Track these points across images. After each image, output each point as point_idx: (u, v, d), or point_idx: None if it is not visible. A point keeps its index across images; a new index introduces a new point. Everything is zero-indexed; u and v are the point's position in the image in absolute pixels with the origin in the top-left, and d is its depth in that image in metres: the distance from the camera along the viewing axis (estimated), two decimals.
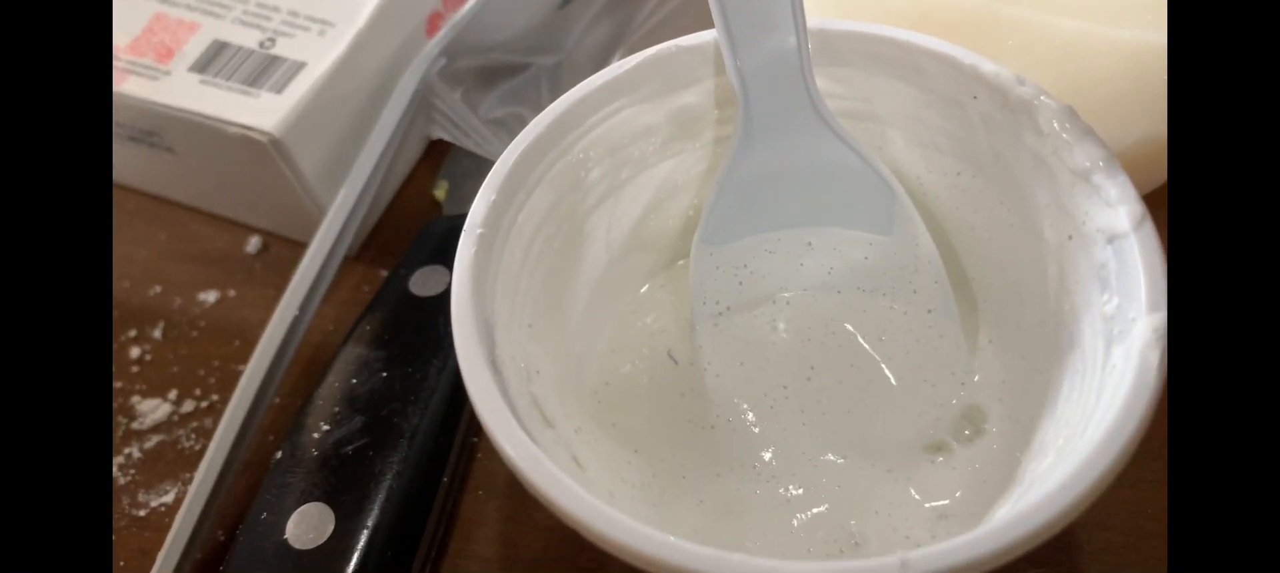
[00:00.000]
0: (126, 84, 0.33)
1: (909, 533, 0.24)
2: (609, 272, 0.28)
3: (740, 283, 0.28)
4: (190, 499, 0.27)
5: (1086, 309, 0.23)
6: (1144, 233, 0.21)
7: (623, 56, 0.33)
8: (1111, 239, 0.22)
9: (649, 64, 0.26)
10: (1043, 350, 0.25)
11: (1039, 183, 0.24)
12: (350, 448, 0.27)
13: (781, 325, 0.28)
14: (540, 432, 0.22)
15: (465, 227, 0.23)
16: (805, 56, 0.25)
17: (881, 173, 0.26)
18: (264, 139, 0.31)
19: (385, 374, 0.28)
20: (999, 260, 0.27)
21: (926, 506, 0.25)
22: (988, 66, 0.24)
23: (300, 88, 0.32)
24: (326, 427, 0.27)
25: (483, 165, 0.35)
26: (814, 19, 0.26)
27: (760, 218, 0.27)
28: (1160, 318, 0.20)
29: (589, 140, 0.25)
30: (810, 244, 0.28)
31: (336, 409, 0.28)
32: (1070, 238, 0.24)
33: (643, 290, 0.29)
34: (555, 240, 0.26)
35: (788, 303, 0.28)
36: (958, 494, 0.25)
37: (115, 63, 0.33)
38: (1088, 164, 0.23)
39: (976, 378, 0.27)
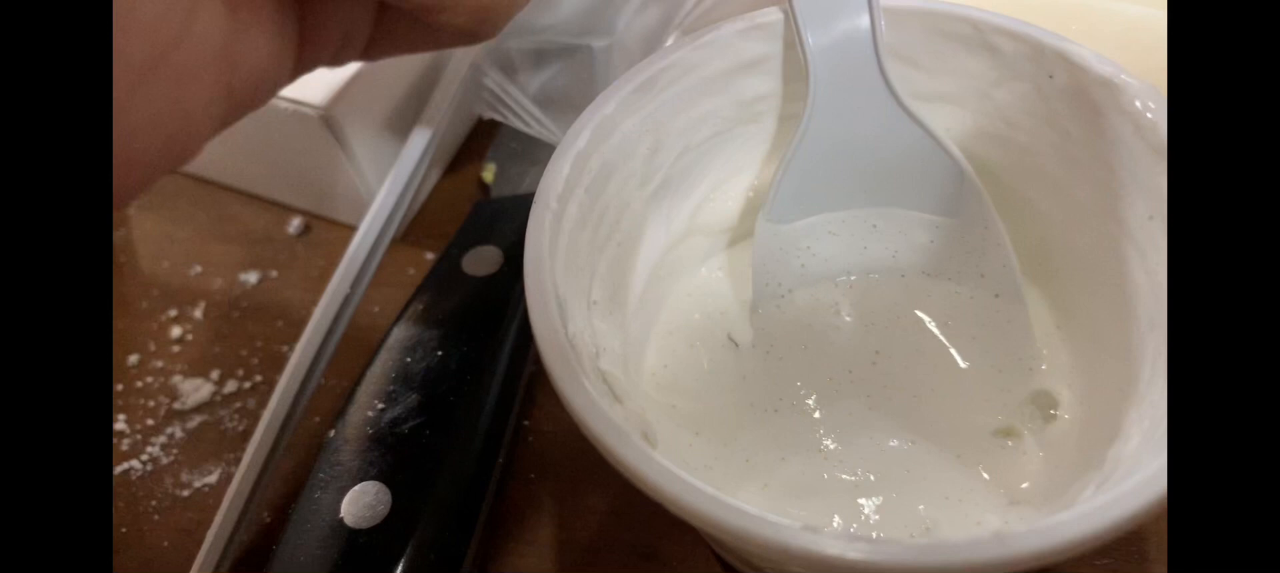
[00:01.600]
0: None
1: (981, 518, 0.24)
2: (669, 253, 0.27)
3: (803, 265, 0.27)
4: (239, 478, 0.27)
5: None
6: None
7: (675, 40, 0.33)
8: None
9: (715, 44, 0.25)
10: (1118, 333, 0.24)
11: (1117, 162, 0.24)
12: (406, 427, 0.26)
13: (845, 309, 0.27)
14: (612, 407, 0.22)
15: (536, 203, 0.22)
16: (878, 33, 0.25)
17: (951, 152, 0.26)
18: (314, 114, 0.30)
19: (440, 353, 0.28)
20: (1070, 243, 0.26)
21: (999, 491, 0.24)
22: (1066, 44, 0.24)
23: (351, 64, 0.31)
24: (381, 405, 0.27)
25: (530, 147, 0.34)
26: None
27: (825, 198, 0.27)
28: None
29: (654, 120, 0.25)
30: (875, 227, 0.27)
31: (391, 388, 0.27)
32: (1151, 218, 0.23)
33: (702, 272, 0.29)
34: (621, 220, 0.25)
35: (851, 286, 0.27)
36: (1027, 483, 0.24)
37: None
38: None
39: (1044, 365, 0.26)
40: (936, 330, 0.26)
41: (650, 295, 0.27)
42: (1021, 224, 0.27)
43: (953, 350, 0.26)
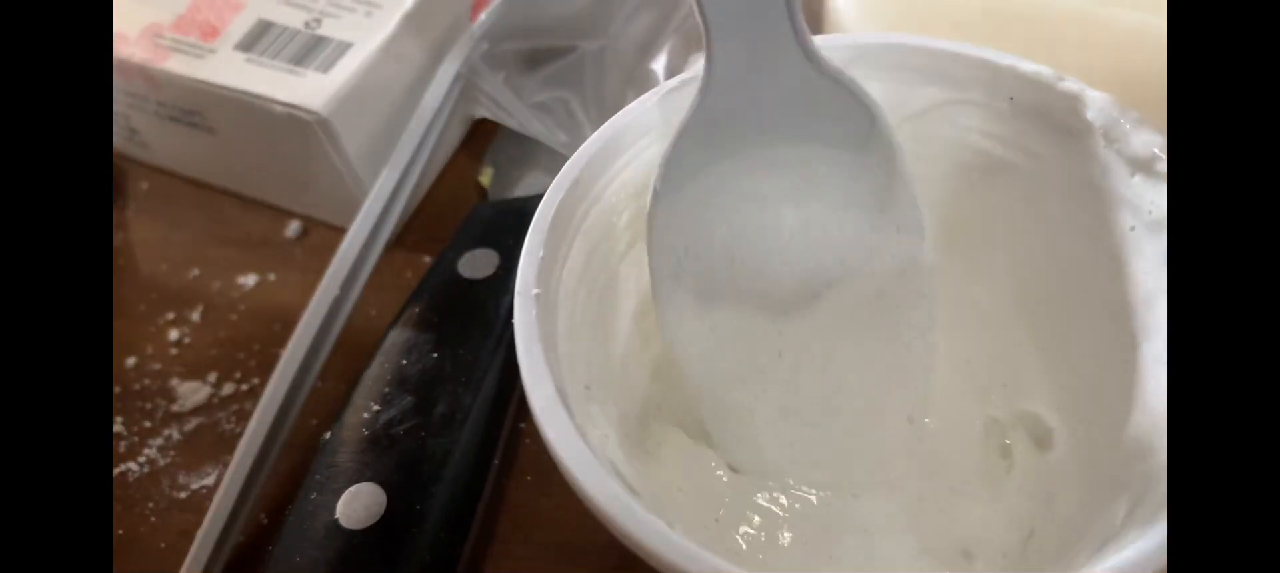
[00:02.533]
0: (170, 62, 0.32)
1: (1006, 549, 0.24)
2: (640, 321, 0.26)
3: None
4: (228, 479, 0.27)
5: (1160, 296, 0.23)
6: None
7: (670, 44, 0.33)
8: None
9: (659, 104, 0.24)
10: (1110, 348, 0.24)
11: (1091, 177, 0.24)
12: (402, 429, 0.26)
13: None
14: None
15: (518, 290, 0.21)
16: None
17: (865, 100, 0.24)
18: (310, 118, 0.31)
19: (436, 356, 0.28)
20: (1046, 264, 0.26)
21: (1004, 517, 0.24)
22: (1026, 66, 0.24)
23: (347, 68, 0.32)
24: (377, 407, 0.27)
25: (528, 150, 0.34)
26: (845, 37, 0.25)
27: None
28: None
29: (616, 186, 0.24)
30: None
31: (387, 390, 0.27)
32: (1133, 229, 0.23)
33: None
34: (593, 293, 0.24)
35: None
36: (1033, 508, 0.24)
37: (159, 41, 0.33)
38: (1148, 152, 0.22)
39: (1020, 382, 0.26)
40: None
41: (630, 361, 0.26)
42: (996, 251, 0.27)
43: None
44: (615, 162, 0.24)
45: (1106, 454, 0.23)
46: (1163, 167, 0.22)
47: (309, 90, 0.31)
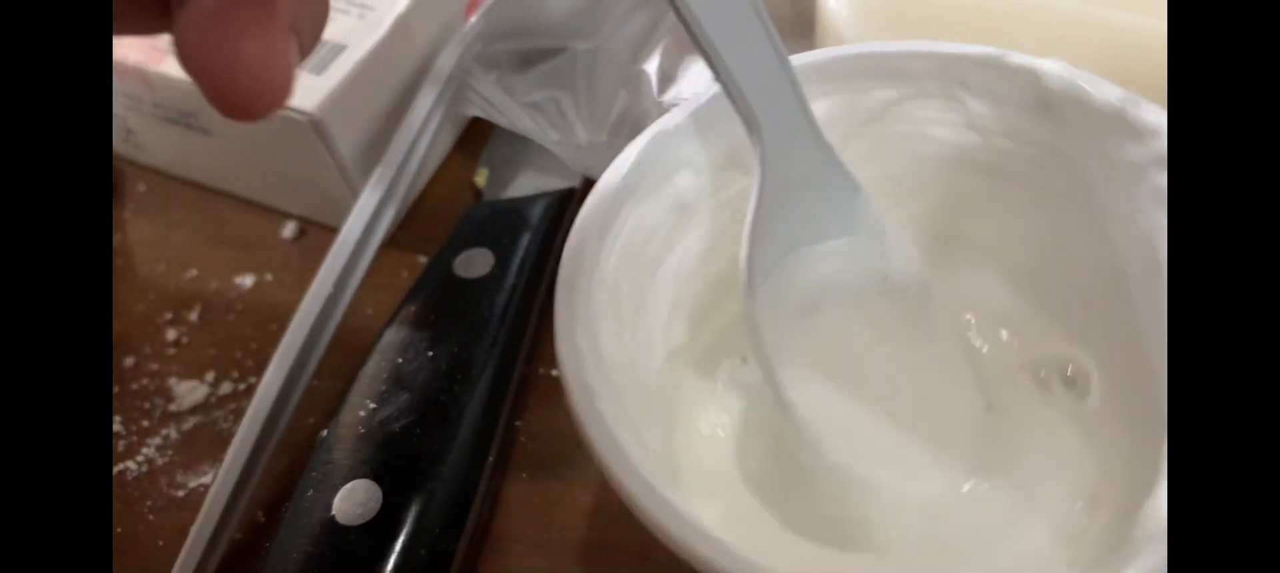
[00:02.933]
0: (166, 64, 0.32)
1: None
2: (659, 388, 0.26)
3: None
4: (221, 477, 0.27)
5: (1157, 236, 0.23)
6: None
7: (663, 45, 0.33)
8: None
9: (641, 160, 0.24)
10: (1135, 330, 0.24)
11: (1058, 143, 0.24)
12: (397, 426, 0.27)
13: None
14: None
15: (569, 380, 0.21)
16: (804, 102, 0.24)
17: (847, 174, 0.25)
18: (303, 119, 0.31)
19: (431, 354, 0.28)
20: (1034, 235, 0.26)
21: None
22: (973, 49, 0.25)
23: (340, 70, 0.32)
24: (372, 405, 0.27)
25: (522, 151, 0.35)
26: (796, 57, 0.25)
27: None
28: None
29: (615, 253, 0.24)
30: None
31: (382, 388, 0.27)
32: (1154, 200, 0.23)
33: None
34: (617, 370, 0.24)
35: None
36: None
37: (154, 43, 0.33)
38: (1111, 106, 0.23)
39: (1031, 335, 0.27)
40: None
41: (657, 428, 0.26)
42: (987, 233, 0.27)
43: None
44: (610, 231, 0.24)
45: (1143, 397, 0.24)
46: (1132, 113, 0.23)
47: (302, 91, 0.31)
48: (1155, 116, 0.23)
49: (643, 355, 0.24)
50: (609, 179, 0.23)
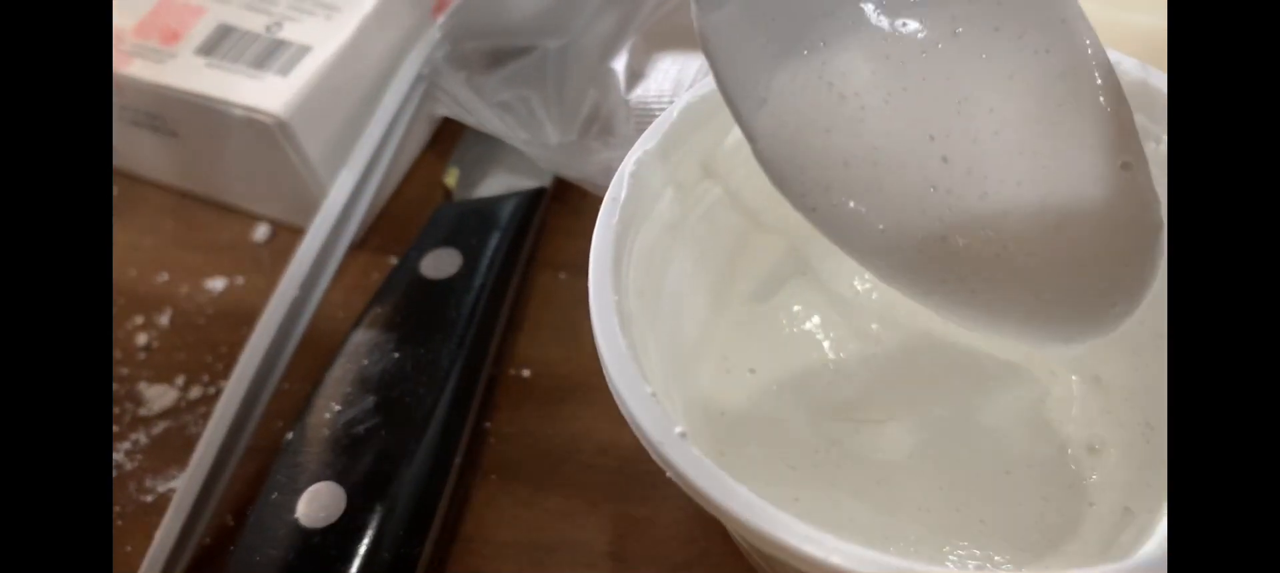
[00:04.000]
0: (132, 66, 0.32)
1: None
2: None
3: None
4: (186, 481, 0.27)
5: None
6: None
7: (630, 43, 0.33)
8: None
9: (634, 187, 0.23)
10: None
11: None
12: (362, 428, 0.26)
13: None
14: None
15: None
16: None
17: None
18: (270, 121, 0.31)
19: (397, 355, 0.28)
20: None
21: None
22: None
23: (306, 71, 0.32)
24: (338, 407, 0.27)
25: (493, 151, 0.35)
26: None
27: None
28: None
29: (633, 265, 0.23)
30: None
31: (348, 390, 0.27)
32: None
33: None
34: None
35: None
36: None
37: (120, 45, 0.33)
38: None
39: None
40: None
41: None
42: None
43: None
44: (627, 241, 0.23)
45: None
46: None
47: (268, 93, 0.31)
48: None
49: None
50: (608, 211, 0.22)
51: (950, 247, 0.22)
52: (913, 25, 0.22)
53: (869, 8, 0.22)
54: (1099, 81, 0.22)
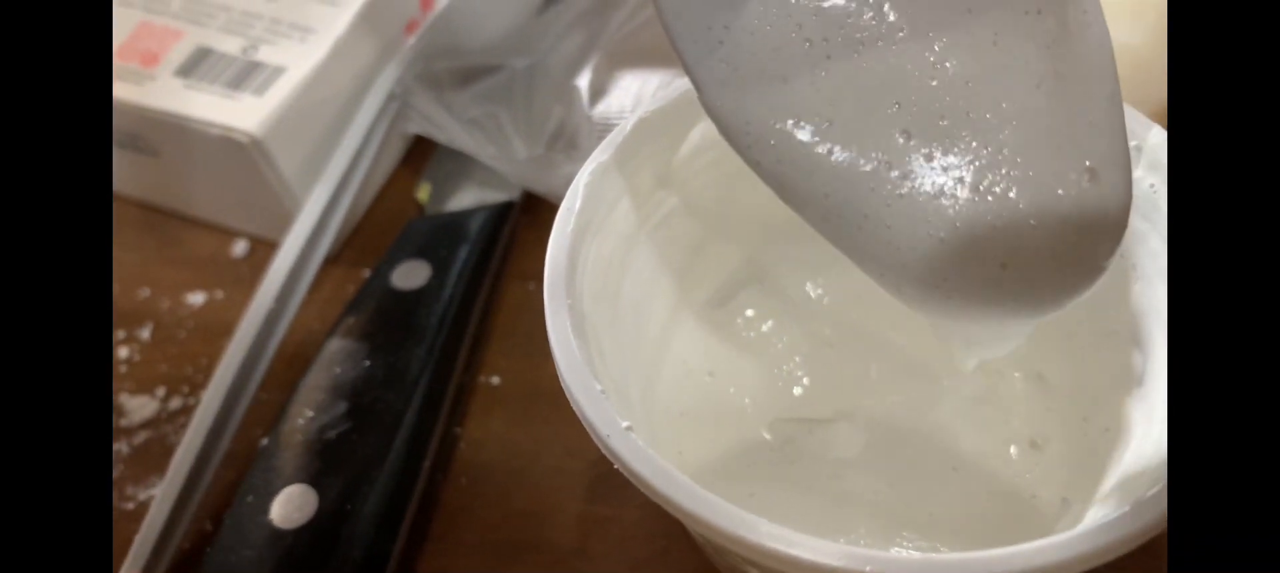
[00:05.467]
0: (113, 89, 0.33)
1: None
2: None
3: None
4: (164, 488, 0.28)
5: None
6: None
7: (594, 61, 0.34)
8: None
9: (589, 195, 0.24)
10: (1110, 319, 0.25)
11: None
12: (334, 433, 0.27)
13: None
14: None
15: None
16: None
17: None
18: (245, 140, 0.32)
19: (368, 363, 0.29)
20: None
21: None
22: None
23: (281, 91, 0.33)
24: (311, 413, 0.28)
25: (465, 166, 0.36)
26: None
27: None
28: None
29: (589, 272, 0.24)
30: None
31: (321, 397, 0.28)
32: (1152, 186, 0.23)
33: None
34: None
35: None
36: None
37: None
38: None
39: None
40: None
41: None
42: None
43: None
44: (579, 262, 0.24)
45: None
46: None
47: (244, 113, 0.32)
48: None
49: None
50: (563, 220, 0.23)
51: (893, 233, 0.20)
52: None
53: None
54: (1089, 69, 0.20)
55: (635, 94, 0.32)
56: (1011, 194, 0.20)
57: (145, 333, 0.35)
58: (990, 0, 0.20)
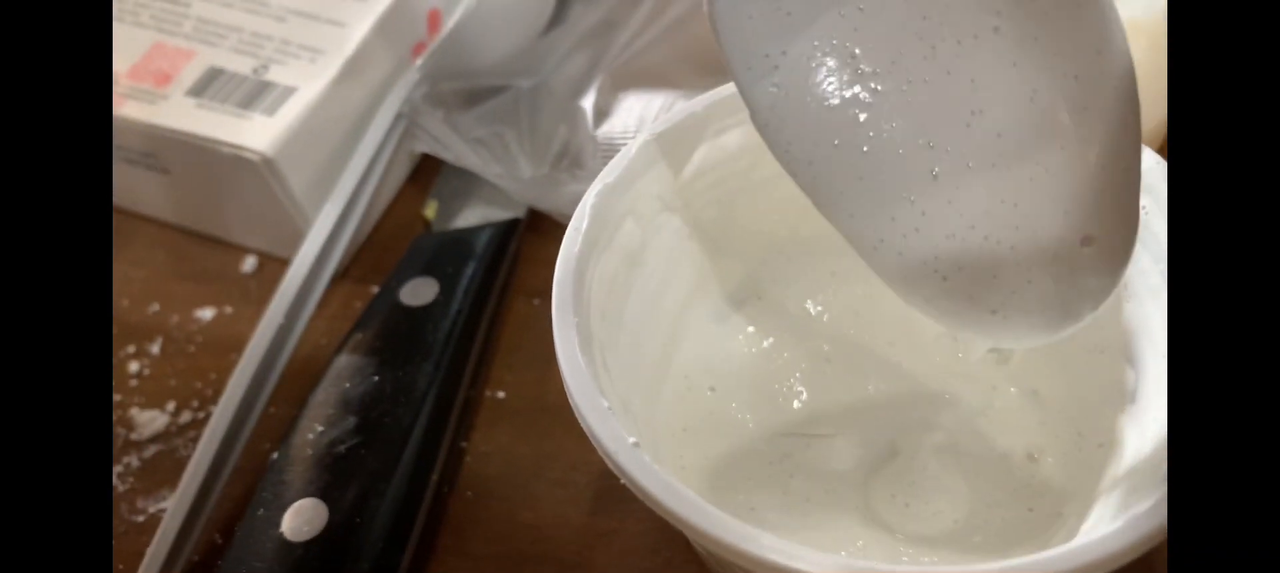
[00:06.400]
0: (125, 108, 0.34)
1: None
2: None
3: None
4: (176, 501, 0.28)
5: None
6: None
7: (598, 82, 0.35)
8: None
9: (596, 214, 0.25)
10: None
11: None
12: (343, 447, 0.28)
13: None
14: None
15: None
16: None
17: None
18: (256, 159, 0.33)
19: (377, 379, 0.30)
20: None
21: None
22: None
23: (291, 111, 0.33)
24: (320, 428, 0.29)
25: (471, 184, 0.36)
26: None
27: None
28: None
29: (595, 290, 0.24)
30: None
31: (330, 412, 0.29)
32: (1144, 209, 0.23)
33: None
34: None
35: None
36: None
37: (115, 88, 0.35)
38: None
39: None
40: None
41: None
42: None
43: None
44: (589, 264, 0.24)
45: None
46: None
47: (255, 132, 0.33)
48: None
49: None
50: (570, 239, 0.24)
51: (903, 260, 0.23)
52: (956, 7, 0.21)
53: None
54: (1115, 127, 0.21)
55: (639, 115, 0.33)
56: (1012, 252, 0.22)
57: (155, 347, 0.35)
58: (1037, 62, 0.21)
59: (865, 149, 0.22)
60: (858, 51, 0.22)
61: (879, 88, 0.22)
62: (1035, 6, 0.21)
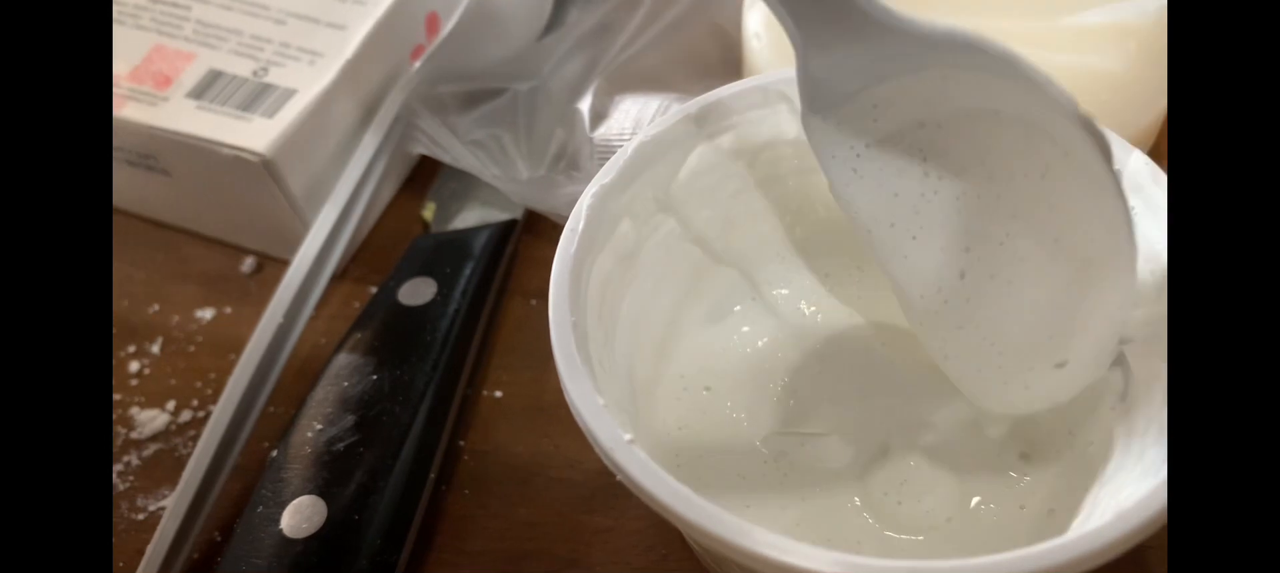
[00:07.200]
0: (126, 109, 0.34)
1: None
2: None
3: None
4: (176, 499, 0.29)
5: None
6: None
7: (595, 85, 0.35)
8: None
9: (592, 214, 0.25)
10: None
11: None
12: (342, 445, 0.28)
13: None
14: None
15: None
16: None
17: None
18: (255, 160, 0.33)
19: (375, 377, 0.30)
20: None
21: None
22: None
23: (291, 112, 0.34)
24: (319, 426, 0.29)
25: (469, 186, 0.37)
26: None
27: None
28: None
29: (591, 290, 0.25)
30: None
31: (329, 410, 0.29)
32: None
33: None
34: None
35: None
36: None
37: (116, 90, 0.35)
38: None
39: None
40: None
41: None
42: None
43: None
44: (597, 240, 0.25)
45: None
46: None
47: (255, 134, 0.33)
48: None
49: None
50: (567, 240, 0.24)
51: (908, 319, 0.27)
52: (1012, 143, 0.24)
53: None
54: (1115, 270, 0.23)
55: (635, 117, 0.33)
56: (996, 366, 0.26)
57: (155, 347, 0.36)
58: (1076, 212, 0.23)
59: (914, 237, 0.25)
60: (928, 153, 0.25)
61: (939, 191, 0.25)
62: (1079, 162, 0.23)
